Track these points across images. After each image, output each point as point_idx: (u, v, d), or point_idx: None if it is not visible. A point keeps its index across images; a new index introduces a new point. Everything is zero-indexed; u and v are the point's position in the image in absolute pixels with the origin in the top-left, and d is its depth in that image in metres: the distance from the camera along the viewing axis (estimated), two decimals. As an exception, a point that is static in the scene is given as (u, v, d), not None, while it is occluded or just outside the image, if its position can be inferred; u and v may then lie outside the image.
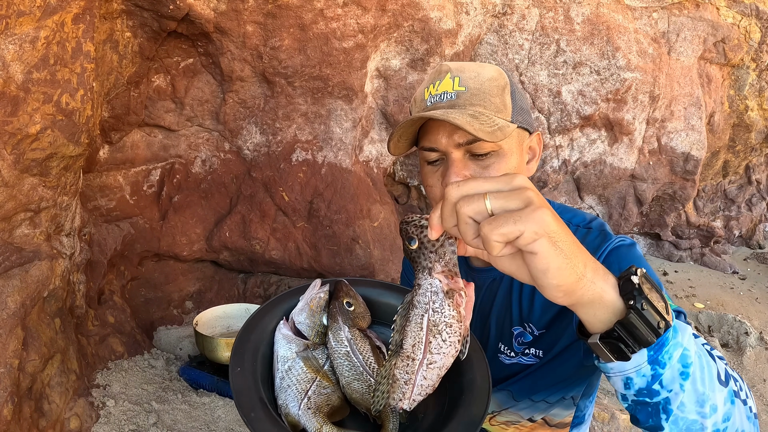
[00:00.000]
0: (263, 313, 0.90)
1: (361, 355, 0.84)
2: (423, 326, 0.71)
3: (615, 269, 0.89)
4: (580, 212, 1.04)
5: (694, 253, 3.95)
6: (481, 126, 0.84)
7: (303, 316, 0.88)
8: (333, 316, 0.87)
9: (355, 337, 0.86)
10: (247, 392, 0.75)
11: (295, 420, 0.76)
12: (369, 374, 0.83)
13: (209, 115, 2.33)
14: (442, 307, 0.70)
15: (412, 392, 0.73)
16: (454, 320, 0.71)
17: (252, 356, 0.82)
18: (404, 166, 2.98)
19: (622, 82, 2.99)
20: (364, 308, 0.91)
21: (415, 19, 2.42)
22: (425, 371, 0.72)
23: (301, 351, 0.83)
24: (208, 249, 2.46)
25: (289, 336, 0.85)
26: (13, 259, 1.49)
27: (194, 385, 2.04)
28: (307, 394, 0.78)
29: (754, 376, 2.46)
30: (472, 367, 0.80)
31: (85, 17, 1.51)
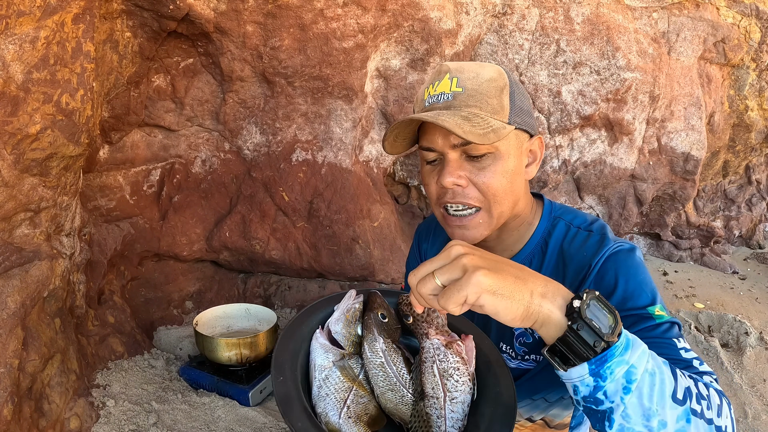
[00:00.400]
0: (300, 321, 0.92)
1: (395, 366, 0.86)
2: (436, 374, 0.83)
3: (611, 275, 0.90)
4: (581, 214, 1.04)
5: (694, 253, 3.95)
6: (472, 128, 0.84)
7: (339, 326, 0.89)
8: (368, 327, 0.89)
9: (389, 348, 0.87)
10: (292, 402, 0.78)
11: (335, 428, 0.78)
12: (402, 385, 0.85)
13: (209, 115, 2.33)
14: (446, 356, 0.84)
15: (446, 425, 0.79)
16: (459, 364, 0.84)
17: (291, 365, 0.84)
18: (404, 166, 2.98)
19: (622, 82, 2.99)
20: (396, 321, 0.93)
21: (415, 19, 2.42)
22: (451, 406, 0.81)
23: (337, 360, 0.85)
24: (208, 249, 2.46)
25: (326, 345, 0.86)
26: (13, 259, 1.49)
27: (194, 385, 2.04)
28: (345, 402, 0.80)
29: (754, 376, 2.46)
30: (498, 383, 0.85)
31: (85, 17, 1.51)
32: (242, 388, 1.94)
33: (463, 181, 0.90)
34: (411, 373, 0.86)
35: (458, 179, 0.90)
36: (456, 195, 0.91)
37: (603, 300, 0.67)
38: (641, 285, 0.89)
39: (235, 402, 1.93)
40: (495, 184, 0.90)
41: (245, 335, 1.99)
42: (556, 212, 1.04)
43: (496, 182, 0.90)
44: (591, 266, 0.92)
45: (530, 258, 1.01)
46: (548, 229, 1.01)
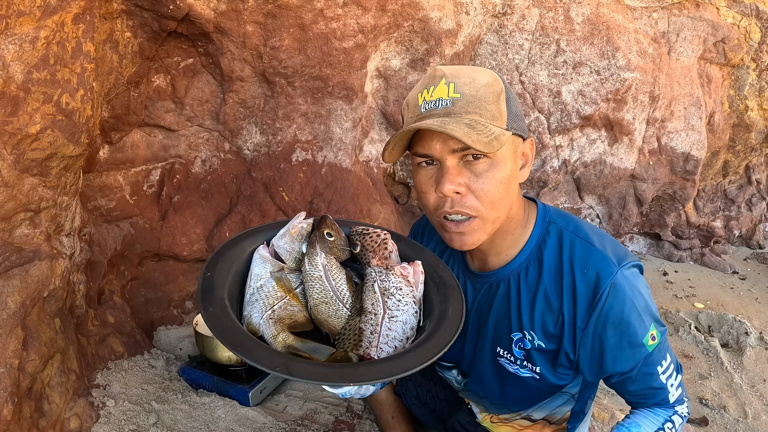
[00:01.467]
0: (246, 235, 0.92)
1: (334, 281, 0.85)
2: (376, 291, 0.82)
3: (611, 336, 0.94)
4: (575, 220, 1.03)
5: (694, 253, 3.95)
6: (478, 137, 0.84)
7: (283, 241, 0.89)
8: (311, 244, 0.89)
9: (331, 264, 0.87)
10: (212, 292, 0.77)
11: (255, 328, 0.77)
12: (339, 299, 0.84)
13: (209, 115, 2.33)
14: (388, 276, 0.84)
15: (378, 341, 0.77)
16: (402, 284, 0.83)
17: (225, 267, 0.83)
18: (404, 166, 2.98)
19: (622, 82, 2.99)
20: (345, 242, 0.93)
21: (415, 19, 2.42)
22: (388, 323, 0.79)
23: (275, 272, 0.85)
24: (209, 249, 2.46)
25: (267, 257, 0.87)
26: (13, 259, 1.49)
27: (194, 385, 2.04)
28: (272, 308, 0.80)
29: (754, 376, 2.46)
30: (447, 301, 0.84)
31: (85, 17, 1.51)
32: (242, 388, 1.94)
33: (462, 188, 0.90)
34: (352, 294, 0.85)
35: (458, 187, 0.90)
36: (455, 204, 0.91)
37: None
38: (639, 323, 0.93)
39: (235, 402, 1.93)
40: (492, 191, 0.90)
41: (245, 335, 1.99)
42: (550, 216, 1.03)
43: (493, 188, 0.90)
44: (596, 298, 0.93)
45: (526, 264, 1.00)
46: (543, 234, 1.01)
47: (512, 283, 1.01)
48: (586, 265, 0.94)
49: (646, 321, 0.93)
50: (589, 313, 0.93)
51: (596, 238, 0.98)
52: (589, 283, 0.93)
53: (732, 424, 2.15)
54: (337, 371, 0.67)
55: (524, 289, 1.00)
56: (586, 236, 0.98)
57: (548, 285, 0.97)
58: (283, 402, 2.01)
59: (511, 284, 1.01)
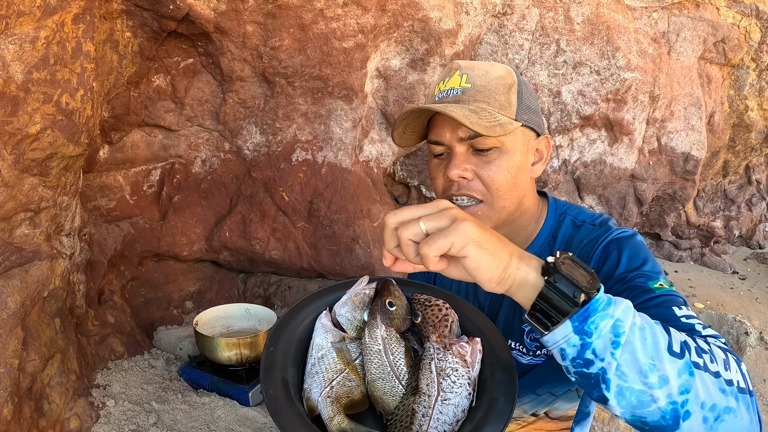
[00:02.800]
0: (308, 301, 0.93)
1: (392, 355, 0.85)
2: (432, 370, 0.82)
3: (614, 254, 0.92)
4: (586, 210, 1.06)
5: (694, 253, 3.95)
6: (479, 120, 0.86)
7: (345, 309, 0.89)
8: (373, 314, 0.88)
9: (391, 337, 0.86)
10: (273, 371, 0.79)
11: (314, 405, 0.79)
12: (396, 375, 0.84)
13: (209, 115, 2.33)
14: (446, 356, 0.83)
15: (429, 425, 0.77)
16: (459, 365, 0.82)
17: (287, 339, 0.85)
18: (404, 166, 2.98)
19: (622, 82, 2.99)
20: (406, 311, 0.92)
21: (415, 19, 2.42)
22: (440, 406, 0.78)
23: (336, 342, 0.85)
24: (208, 249, 2.46)
25: (328, 326, 0.87)
26: (13, 259, 1.49)
27: (194, 385, 2.04)
28: (331, 383, 0.80)
29: (754, 376, 2.46)
30: (498, 388, 0.82)
31: (85, 17, 1.51)
32: (242, 388, 1.94)
33: (469, 173, 0.92)
34: (409, 369, 0.85)
35: (464, 172, 0.92)
36: (461, 187, 0.93)
37: (578, 260, 0.66)
38: (643, 261, 0.89)
39: (235, 402, 1.93)
40: (499, 178, 0.92)
41: (245, 335, 1.99)
42: (561, 208, 1.05)
43: (500, 176, 0.92)
44: (594, 249, 0.94)
45: (539, 253, 1.02)
46: (555, 225, 1.03)
47: None
48: (590, 238, 0.97)
49: (648, 266, 0.87)
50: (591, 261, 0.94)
51: (601, 220, 1.00)
52: (589, 244, 0.95)
53: (732, 424, 2.15)
54: None
55: None
56: (593, 219, 1.01)
57: None
58: (283, 402, 2.01)
59: None
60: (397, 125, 0.96)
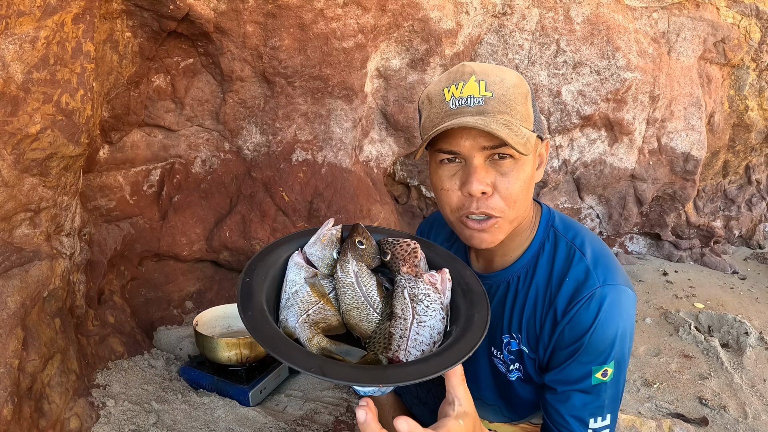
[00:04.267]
0: (281, 242, 0.96)
1: (364, 287, 0.88)
2: (406, 297, 0.85)
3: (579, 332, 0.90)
4: (575, 227, 1.01)
5: (694, 253, 3.95)
6: (515, 137, 0.84)
7: (315, 248, 0.92)
8: (343, 251, 0.92)
9: (362, 270, 0.90)
10: (251, 296, 0.81)
11: (291, 331, 0.81)
12: (369, 305, 0.87)
13: (209, 115, 2.33)
14: (417, 283, 0.87)
15: (407, 344, 0.80)
16: (430, 291, 0.86)
17: (263, 273, 0.87)
18: (404, 166, 2.98)
19: (622, 82, 2.99)
20: (376, 251, 0.96)
21: (415, 19, 2.42)
22: (417, 328, 0.82)
23: (309, 278, 0.88)
24: (208, 249, 2.46)
25: (301, 263, 0.90)
26: (13, 259, 1.49)
27: (194, 385, 2.04)
28: (307, 312, 0.83)
29: (754, 376, 2.46)
30: (473, 307, 0.86)
31: (85, 17, 1.51)
32: (242, 388, 1.94)
33: (489, 188, 0.89)
34: (383, 300, 0.88)
35: (486, 187, 0.88)
36: (480, 206, 0.90)
37: None
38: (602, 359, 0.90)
39: (235, 402, 1.93)
40: (516, 190, 0.90)
41: (245, 335, 1.99)
42: (553, 222, 1.02)
43: (517, 188, 0.90)
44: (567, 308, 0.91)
45: (526, 269, 1.00)
46: (543, 239, 1.01)
47: (511, 286, 1.01)
48: (569, 278, 0.93)
49: (607, 353, 0.89)
50: (560, 325, 0.92)
51: (590, 251, 0.95)
52: (566, 295, 0.92)
53: (732, 424, 2.15)
54: (368, 373, 0.71)
55: (519, 295, 1.00)
56: (582, 246, 0.96)
57: (538, 293, 0.97)
58: (283, 402, 2.01)
59: (510, 287, 1.01)
60: (426, 140, 0.89)
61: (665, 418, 2.05)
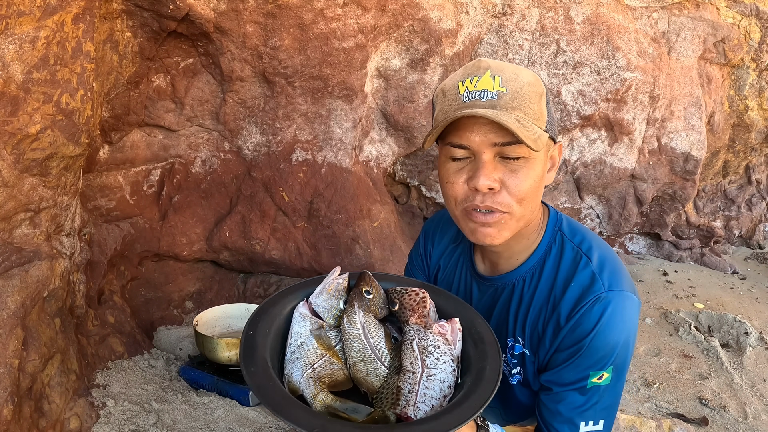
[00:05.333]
0: (286, 293, 0.94)
1: (372, 339, 0.86)
2: (415, 349, 0.83)
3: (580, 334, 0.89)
4: (582, 231, 1.00)
5: (694, 253, 3.95)
6: (526, 132, 0.83)
7: (321, 299, 0.90)
8: (350, 302, 0.90)
9: (369, 322, 0.88)
10: (254, 351, 0.79)
11: (296, 387, 0.79)
12: (377, 357, 0.84)
13: (209, 115, 2.33)
14: (426, 335, 0.85)
15: (416, 400, 0.77)
16: (440, 343, 0.84)
17: (267, 326, 0.85)
18: (404, 166, 2.98)
19: (622, 82, 2.99)
20: (383, 300, 0.93)
21: (415, 19, 2.42)
22: (426, 382, 0.79)
23: (315, 329, 0.86)
24: (208, 249, 2.46)
25: (306, 315, 0.88)
26: (13, 259, 1.49)
27: (194, 385, 2.04)
28: (312, 366, 0.81)
29: (754, 376, 2.46)
30: (485, 359, 0.84)
31: (85, 17, 1.51)
32: (242, 388, 1.94)
33: (497, 184, 0.88)
34: (391, 352, 0.86)
35: (493, 183, 0.87)
36: (486, 200, 0.89)
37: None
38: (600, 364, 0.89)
39: (235, 402, 1.93)
40: (525, 189, 0.88)
41: (245, 335, 1.99)
42: (561, 226, 1.01)
43: (526, 186, 0.88)
44: (572, 313, 0.90)
45: (531, 273, 0.99)
46: (550, 243, 0.99)
47: (516, 290, 1.00)
48: (574, 283, 0.92)
49: (606, 359, 0.89)
50: (562, 330, 0.91)
51: (597, 256, 0.94)
52: (570, 300, 0.91)
53: (732, 424, 2.15)
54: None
55: (525, 298, 0.99)
56: (588, 251, 0.95)
57: (543, 297, 0.96)
58: (283, 402, 2.01)
59: (515, 290, 1.00)
60: (436, 130, 0.89)
61: (665, 418, 2.05)
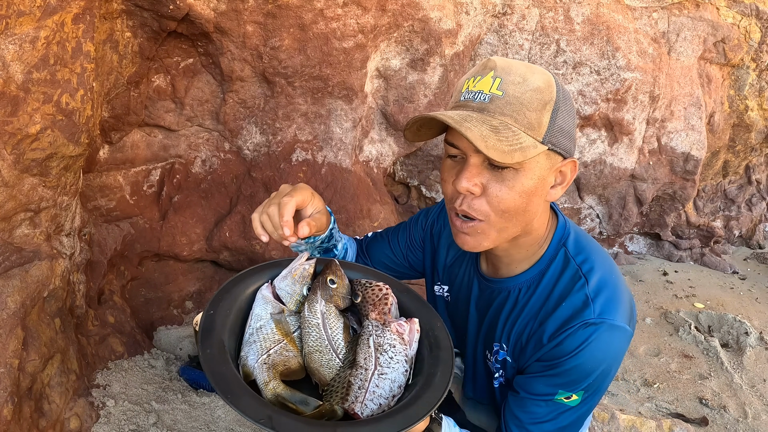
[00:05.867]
0: (252, 273, 0.93)
1: (330, 330, 0.86)
2: (370, 345, 0.83)
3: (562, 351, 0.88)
4: (587, 248, 0.97)
5: (694, 253, 3.95)
6: (498, 143, 0.78)
7: (284, 283, 0.89)
8: (313, 289, 0.89)
9: (330, 312, 0.87)
10: (212, 332, 0.80)
11: (249, 371, 0.79)
12: (333, 349, 0.85)
13: (209, 115, 2.33)
14: (383, 332, 0.85)
15: (365, 397, 0.77)
16: (396, 342, 0.84)
17: (228, 306, 0.85)
18: (404, 166, 2.98)
19: (622, 82, 2.99)
20: (347, 291, 0.93)
21: (415, 19, 2.42)
22: (377, 380, 0.80)
23: (276, 314, 0.86)
24: (208, 249, 2.46)
25: (269, 298, 0.87)
26: (13, 259, 1.49)
27: (194, 385, 2.04)
28: (268, 351, 0.81)
29: (754, 376, 2.46)
30: (438, 364, 0.84)
31: (85, 17, 1.51)
32: (242, 388, 1.94)
33: (477, 189, 0.85)
34: (347, 345, 0.86)
35: (473, 187, 0.85)
36: (463, 203, 0.87)
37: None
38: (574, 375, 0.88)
39: (235, 402, 1.93)
40: (507, 200, 0.85)
41: (245, 335, 1.99)
42: (566, 241, 0.98)
43: (509, 198, 0.85)
44: (556, 333, 0.89)
45: (529, 284, 0.98)
46: (552, 258, 0.97)
47: (510, 297, 1.00)
48: (566, 303, 0.90)
49: (580, 383, 0.88)
50: (544, 347, 0.90)
51: (596, 279, 0.91)
52: (558, 319, 0.90)
53: (732, 424, 2.15)
54: (318, 429, 0.70)
55: (517, 307, 0.98)
56: (588, 273, 0.92)
57: (532, 311, 0.95)
58: (283, 402, 2.01)
59: (510, 297, 1.00)
60: (410, 125, 0.89)
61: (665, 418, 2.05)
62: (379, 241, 1.33)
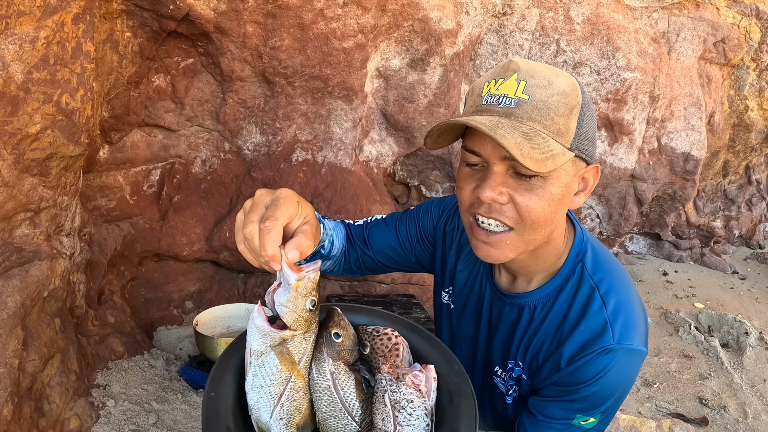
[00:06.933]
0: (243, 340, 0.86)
1: (342, 390, 0.81)
2: (386, 404, 0.78)
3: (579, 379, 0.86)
4: (604, 264, 0.94)
5: (694, 253, 3.95)
6: (531, 151, 0.75)
7: (285, 297, 0.78)
8: (318, 348, 0.83)
9: (339, 370, 0.81)
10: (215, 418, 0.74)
11: (265, 427, 0.75)
12: (348, 412, 0.81)
13: (209, 115, 2.33)
14: (399, 387, 0.79)
15: None
16: (414, 396, 0.79)
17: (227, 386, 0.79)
18: (404, 166, 2.98)
19: (622, 82, 2.99)
20: (354, 342, 0.86)
21: (415, 19, 2.42)
22: None
23: (276, 345, 0.78)
24: (208, 249, 2.46)
25: (265, 329, 0.78)
26: (13, 259, 1.49)
27: (194, 385, 2.04)
28: (280, 399, 0.76)
29: (754, 376, 2.46)
30: (458, 418, 0.79)
31: (85, 17, 1.51)
32: (242, 388, 1.94)
33: (504, 197, 0.81)
34: (362, 404, 0.81)
35: (499, 195, 0.80)
36: (492, 210, 0.82)
37: None
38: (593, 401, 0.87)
39: (235, 402, 1.93)
40: (537, 210, 0.81)
41: (245, 335, 1.99)
42: (583, 256, 0.95)
43: (539, 208, 0.81)
44: (574, 359, 0.87)
45: (545, 301, 0.95)
46: (569, 274, 0.94)
47: (526, 313, 0.97)
48: (583, 326, 0.88)
49: (598, 407, 0.88)
50: (561, 371, 0.89)
51: (614, 302, 0.88)
52: (576, 343, 0.87)
53: (732, 424, 2.15)
54: None
55: (533, 325, 0.96)
56: (606, 294, 0.89)
57: (549, 331, 0.93)
58: (283, 402, 2.01)
59: (525, 313, 0.97)
60: (433, 132, 0.84)
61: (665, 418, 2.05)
62: (382, 229, 1.20)
